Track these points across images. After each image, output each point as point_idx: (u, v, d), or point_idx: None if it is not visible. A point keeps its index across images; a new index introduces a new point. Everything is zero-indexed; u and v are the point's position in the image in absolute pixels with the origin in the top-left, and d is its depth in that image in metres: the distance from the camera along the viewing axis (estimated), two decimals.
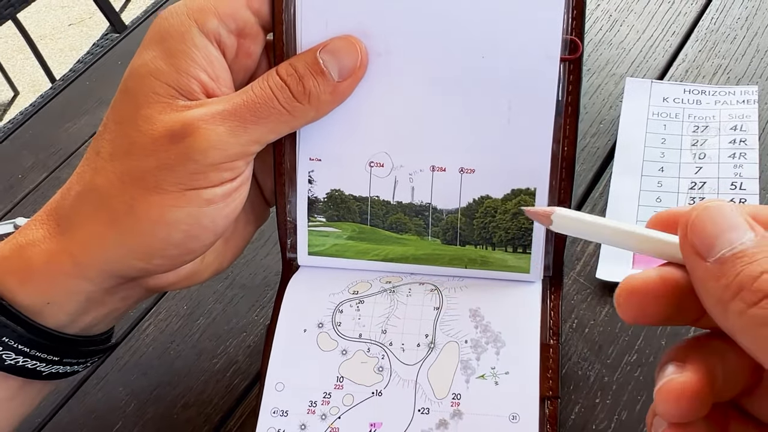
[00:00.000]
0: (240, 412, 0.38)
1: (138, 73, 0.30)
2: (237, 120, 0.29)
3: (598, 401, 0.35)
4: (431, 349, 0.32)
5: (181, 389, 0.40)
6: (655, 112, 0.46)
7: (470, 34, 0.31)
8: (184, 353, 0.41)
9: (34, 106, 0.65)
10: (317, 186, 0.34)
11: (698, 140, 0.44)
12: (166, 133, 0.29)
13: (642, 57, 0.50)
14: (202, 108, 0.29)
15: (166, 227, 0.30)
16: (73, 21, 2.39)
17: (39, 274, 0.30)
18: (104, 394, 0.40)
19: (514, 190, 0.33)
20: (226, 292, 0.44)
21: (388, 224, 0.35)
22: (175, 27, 0.30)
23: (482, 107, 0.32)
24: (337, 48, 0.31)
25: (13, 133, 0.61)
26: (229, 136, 0.29)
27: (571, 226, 0.25)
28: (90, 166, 0.31)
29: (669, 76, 0.48)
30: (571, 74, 0.32)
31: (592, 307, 0.38)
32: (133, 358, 0.42)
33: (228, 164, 0.30)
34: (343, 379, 0.32)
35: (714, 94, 0.46)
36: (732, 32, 0.50)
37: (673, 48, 0.50)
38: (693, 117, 0.45)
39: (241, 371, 0.40)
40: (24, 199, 0.54)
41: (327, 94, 0.31)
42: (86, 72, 0.65)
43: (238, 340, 0.41)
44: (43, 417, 0.40)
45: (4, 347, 0.29)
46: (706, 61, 0.49)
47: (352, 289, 0.34)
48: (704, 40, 0.50)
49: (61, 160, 0.57)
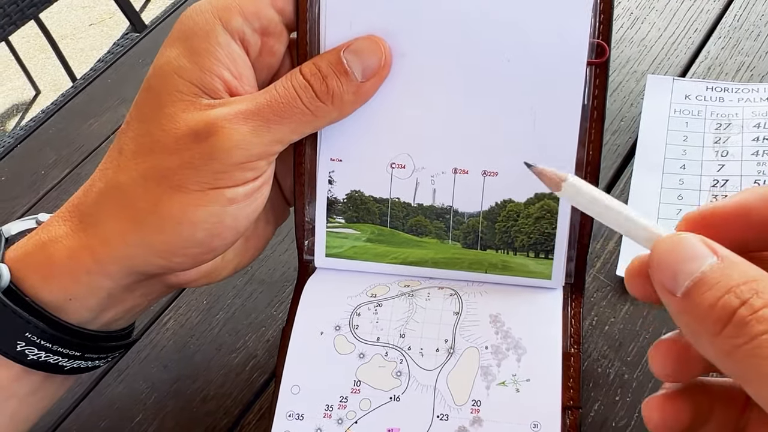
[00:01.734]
0: (259, 406, 0.38)
1: (162, 71, 0.30)
2: (260, 120, 0.29)
3: (618, 399, 0.34)
4: (450, 355, 0.31)
5: (201, 383, 0.40)
6: (677, 110, 0.45)
7: (496, 37, 0.31)
8: (204, 347, 0.41)
9: (56, 104, 0.65)
10: (337, 187, 0.34)
11: (721, 138, 0.44)
12: (189, 132, 0.29)
13: (664, 54, 0.49)
14: (226, 107, 0.29)
15: (189, 226, 0.30)
16: (94, 21, 2.40)
17: (61, 270, 0.30)
18: (125, 386, 0.40)
19: (537, 194, 0.32)
20: (245, 288, 0.44)
21: (408, 227, 0.34)
22: (200, 25, 0.30)
23: (507, 110, 0.31)
24: (360, 48, 0.30)
25: (35, 131, 0.61)
26: (253, 135, 0.29)
27: (579, 199, 0.24)
28: (113, 164, 0.31)
29: (691, 74, 0.47)
30: (597, 78, 0.31)
31: (612, 305, 0.38)
32: (153, 352, 0.42)
33: (251, 164, 0.30)
34: (361, 383, 0.31)
35: (737, 91, 0.45)
36: (755, 29, 0.49)
37: (696, 45, 0.49)
38: (716, 114, 0.45)
39: (260, 365, 0.40)
40: (46, 195, 0.55)
41: (350, 94, 0.30)
42: (107, 70, 0.65)
43: (257, 334, 0.41)
44: (64, 409, 0.40)
45: (27, 343, 0.30)
46: (729, 59, 0.48)
47: (370, 292, 0.34)
48: (727, 37, 0.49)
49: (82, 156, 0.57)
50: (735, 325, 0.20)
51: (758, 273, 0.21)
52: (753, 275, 0.21)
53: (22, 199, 0.55)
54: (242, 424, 0.38)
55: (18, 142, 0.61)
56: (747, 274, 0.21)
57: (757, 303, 0.20)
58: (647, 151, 0.44)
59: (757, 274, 0.21)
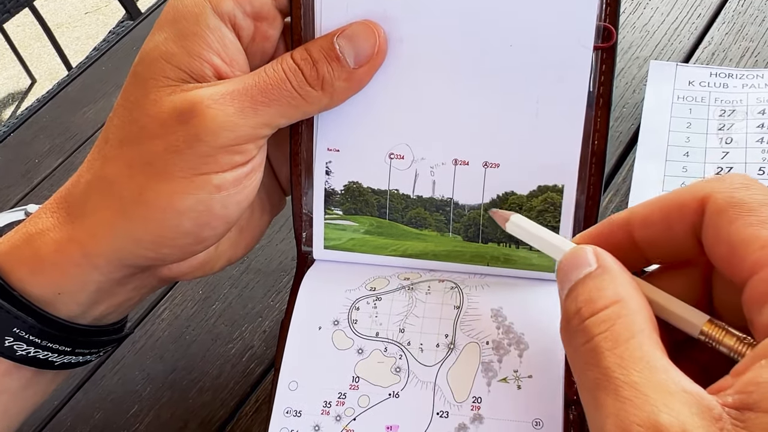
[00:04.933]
0: (255, 397, 0.38)
1: (149, 56, 0.29)
2: (247, 100, 0.28)
3: None
4: (451, 350, 0.31)
5: (197, 374, 0.39)
6: (680, 96, 0.44)
7: (498, 22, 0.29)
8: (200, 338, 0.41)
9: (50, 93, 0.65)
10: (335, 177, 0.33)
11: (725, 124, 0.43)
12: (173, 113, 0.28)
13: (667, 40, 0.48)
14: (211, 88, 0.28)
15: (176, 215, 0.28)
16: (90, 9, 2.38)
17: (49, 263, 0.29)
18: (120, 377, 0.40)
19: (540, 186, 0.31)
20: (241, 277, 0.43)
21: (407, 219, 0.33)
22: (189, 8, 0.29)
23: (509, 98, 0.30)
24: (354, 33, 0.29)
25: (29, 119, 0.60)
26: (239, 117, 0.28)
27: (520, 232, 0.29)
28: (100, 154, 0.30)
29: (695, 60, 0.46)
30: (603, 64, 0.30)
31: None
32: (149, 342, 0.41)
33: (238, 147, 0.28)
34: (359, 379, 0.31)
35: (741, 77, 0.44)
36: (760, 14, 0.47)
37: (699, 30, 0.48)
38: (719, 101, 0.44)
39: (257, 356, 0.39)
40: (40, 184, 0.54)
41: (341, 80, 0.29)
42: (102, 57, 0.64)
43: (254, 325, 0.41)
44: (59, 400, 0.39)
45: (15, 338, 0.29)
46: (733, 44, 0.47)
47: (369, 285, 0.33)
48: (731, 23, 0.48)
49: (77, 144, 0.56)
50: (570, 332, 0.22)
51: (615, 278, 0.23)
52: (603, 283, 0.23)
53: (16, 188, 0.54)
54: (239, 415, 0.37)
55: (11, 131, 0.60)
56: (599, 284, 0.23)
57: (585, 312, 0.22)
58: (650, 139, 0.43)
59: (609, 280, 0.23)
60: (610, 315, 0.22)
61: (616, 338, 0.21)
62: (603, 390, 0.20)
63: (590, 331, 0.21)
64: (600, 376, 0.20)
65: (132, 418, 0.38)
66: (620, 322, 0.21)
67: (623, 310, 0.22)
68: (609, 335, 0.21)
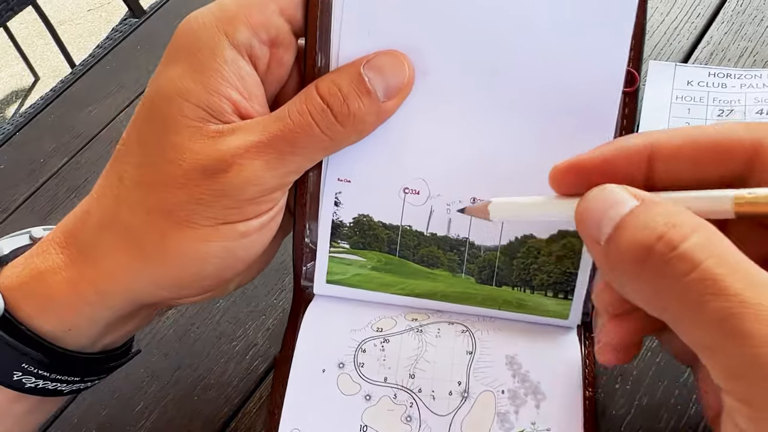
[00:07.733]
0: (259, 395, 0.38)
1: (164, 91, 0.27)
2: (273, 152, 0.26)
3: (618, 387, 0.34)
4: (465, 399, 0.29)
5: (202, 371, 0.39)
6: (679, 96, 0.44)
7: (527, 60, 0.28)
8: (204, 336, 0.41)
9: (54, 91, 0.65)
10: (344, 209, 0.31)
11: None
12: (197, 167, 0.26)
13: (666, 40, 0.48)
14: (236, 139, 0.26)
15: (199, 262, 0.27)
16: (92, 6, 2.38)
17: (60, 303, 0.28)
18: (126, 375, 0.40)
19: (561, 231, 0.30)
20: None
21: (418, 257, 0.31)
22: (203, 40, 0.27)
23: (533, 139, 0.29)
24: (383, 64, 0.27)
25: (34, 118, 0.60)
26: (266, 170, 0.26)
27: (508, 209, 0.26)
28: (113, 193, 0.28)
29: (693, 59, 0.46)
30: (626, 107, 0.29)
31: None
32: (154, 340, 0.41)
33: (265, 197, 0.27)
34: (368, 428, 0.29)
35: (740, 77, 0.44)
36: (759, 14, 0.47)
37: (698, 30, 0.48)
38: (718, 101, 0.43)
39: (261, 354, 0.39)
40: (45, 183, 0.54)
41: (372, 115, 0.27)
42: (106, 56, 0.64)
43: (258, 323, 0.41)
44: (65, 398, 0.41)
45: (24, 372, 0.28)
46: (732, 44, 0.46)
47: (376, 326, 0.31)
48: (730, 22, 0.48)
49: (82, 144, 0.56)
50: (655, 264, 0.19)
51: (679, 209, 0.20)
52: (672, 211, 0.20)
53: (21, 187, 0.54)
54: (243, 412, 0.37)
55: (17, 130, 0.60)
56: (667, 211, 0.20)
57: (675, 236, 0.19)
58: None
59: (676, 210, 0.20)
60: (708, 237, 0.19)
61: (726, 262, 0.19)
62: (740, 318, 0.18)
63: (694, 258, 0.19)
64: (730, 304, 0.18)
65: (137, 415, 0.38)
66: (722, 245, 0.19)
67: (714, 234, 0.19)
68: (719, 260, 0.19)
